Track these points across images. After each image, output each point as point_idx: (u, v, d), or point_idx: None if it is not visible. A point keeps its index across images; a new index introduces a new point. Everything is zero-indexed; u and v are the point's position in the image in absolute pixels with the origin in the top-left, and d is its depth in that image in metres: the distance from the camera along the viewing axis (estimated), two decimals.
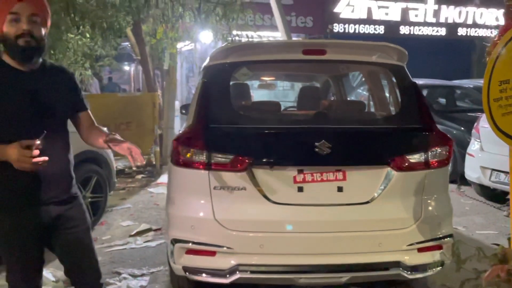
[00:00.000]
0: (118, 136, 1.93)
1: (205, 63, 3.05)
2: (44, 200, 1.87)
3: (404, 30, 13.54)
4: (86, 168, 4.11)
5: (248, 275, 2.46)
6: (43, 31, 1.81)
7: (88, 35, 6.78)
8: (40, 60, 1.88)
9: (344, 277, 2.50)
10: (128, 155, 1.85)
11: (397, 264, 2.51)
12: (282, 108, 3.80)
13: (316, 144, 2.47)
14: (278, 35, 8.83)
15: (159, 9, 6.06)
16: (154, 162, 7.57)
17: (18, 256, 1.88)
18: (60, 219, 1.93)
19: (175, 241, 2.53)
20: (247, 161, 2.48)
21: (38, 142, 1.64)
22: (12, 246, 1.86)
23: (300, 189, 2.52)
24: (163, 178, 6.84)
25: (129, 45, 9.29)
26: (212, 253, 2.48)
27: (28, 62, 1.81)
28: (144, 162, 1.93)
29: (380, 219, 2.55)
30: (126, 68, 19.59)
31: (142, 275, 3.36)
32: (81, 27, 5.69)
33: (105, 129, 2.22)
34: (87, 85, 14.36)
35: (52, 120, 1.88)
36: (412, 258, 2.54)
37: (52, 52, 5.54)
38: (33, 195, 1.84)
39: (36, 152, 1.64)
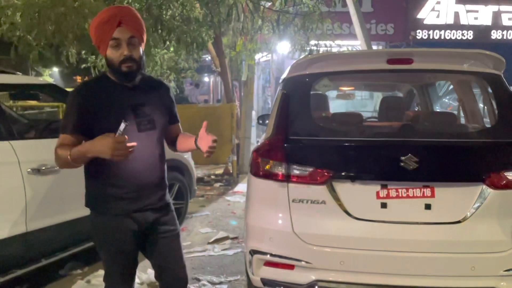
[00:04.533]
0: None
1: (284, 75, 3.05)
2: (143, 206, 1.99)
3: (496, 35, 12.54)
4: (170, 176, 4.25)
5: None
6: (141, 50, 1.93)
7: (172, 49, 7.17)
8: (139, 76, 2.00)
9: None
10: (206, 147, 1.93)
11: None
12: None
13: (402, 158, 2.34)
14: (357, 44, 8.64)
15: (239, 22, 6.21)
16: (231, 171, 7.74)
17: (119, 259, 2.00)
18: (155, 224, 2.04)
19: (253, 252, 2.54)
20: (326, 174, 2.42)
21: (124, 126, 1.70)
22: (114, 249, 1.98)
23: (384, 205, 2.40)
24: (240, 187, 6.97)
25: (209, 57, 9.66)
26: (291, 267, 2.45)
27: (130, 82, 1.94)
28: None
29: (473, 241, 2.34)
30: (206, 79, 20.40)
31: (220, 283, 3.42)
32: (167, 42, 6.02)
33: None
34: (189, 95, 15.27)
35: (153, 132, 1.99)
36: (510, 285, 2.31)
37: None
38: (135, 202, 1.96)
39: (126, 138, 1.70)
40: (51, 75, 18.94)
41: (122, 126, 1.72)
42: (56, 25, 5.02)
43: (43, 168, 3.03)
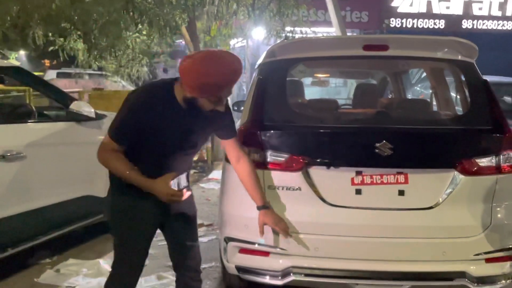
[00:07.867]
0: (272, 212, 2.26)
1: (260, 60, 3.01)
2: None
3: (466, 24, 12.84)
4: None
5: (302, 278, 2.40)
6: None
7: (144, 33, 6.99)
8: None
9: (405, 286, 2.37)
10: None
11: (462, 275, 2.36)
12: None
13: (377, 144, 2.35)
14: (333, 31, 8.65)
15: (214, 6, 6.10)
16: (206, 158, 7.68)
17: (133, 244, 2.01)
18: (172, 208, 2.08)
19: (228, 239, 2.52)
20: (302, 160, 2.41)
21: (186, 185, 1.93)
22: (132, 230, 2.00)
23: (358, 192, 2.41)
24: (214, 174, 6.92)
25: (183, 42, 9.48)
26: (266, 254, 2.44)
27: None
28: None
29: (444, 226, 2.39)
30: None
31: None
32: (139, 24, 5.85)
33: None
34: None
35: (194, 150, 2.10)
36: (479, 269, 2.37)
37: (112, 49, 5.74)
38: None
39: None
40: (18, 58, 18.23)
41: (184, 183, 1.95)
42: (21, 4, 4.78)
43: (8, 154, 2.90)
